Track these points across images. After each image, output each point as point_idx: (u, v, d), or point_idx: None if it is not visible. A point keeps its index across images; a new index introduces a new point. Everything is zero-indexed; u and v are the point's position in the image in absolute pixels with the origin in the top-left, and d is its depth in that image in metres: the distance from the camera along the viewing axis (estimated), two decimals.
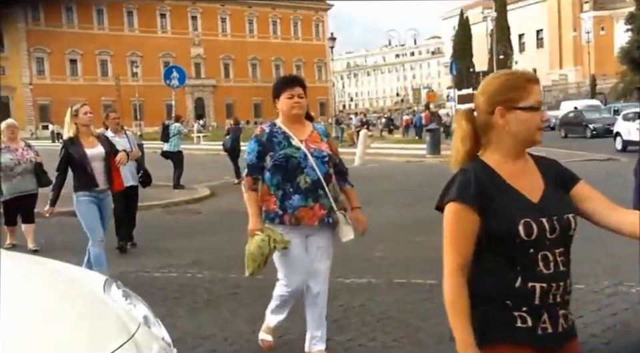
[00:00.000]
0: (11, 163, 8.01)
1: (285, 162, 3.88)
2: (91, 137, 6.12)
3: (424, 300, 5.49)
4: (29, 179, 8.17)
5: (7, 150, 8.06)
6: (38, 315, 2.44)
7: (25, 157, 8.18)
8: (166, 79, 17.74)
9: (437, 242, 3.81)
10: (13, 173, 8.04)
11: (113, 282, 2.99)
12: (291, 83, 4.07)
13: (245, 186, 4.03)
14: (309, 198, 3.90)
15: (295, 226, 3.94)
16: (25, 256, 3.29)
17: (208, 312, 5.42)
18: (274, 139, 3.95)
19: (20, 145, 8.33)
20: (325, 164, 4.00)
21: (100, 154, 6.06)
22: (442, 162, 21.38)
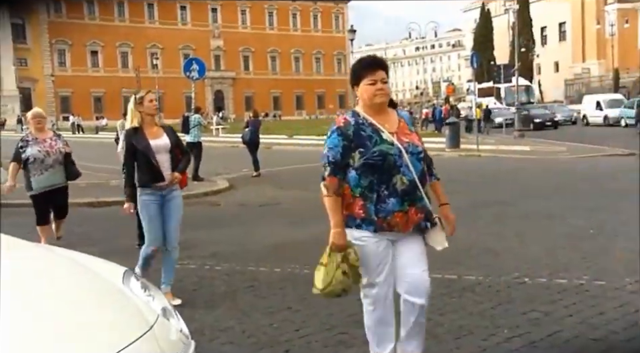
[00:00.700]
0: (39, 155, 7.23)
1: (382, 160, 3.33)
2: (155, 127, 5.57)
3: (442, 295, 5.44)
4: (59, 172, 7.42)
5: (34, 141, 7.30)
6: (57, 305, 2.45)
7: (54, 148, 7.38)
8: (186, 71, 17.78)
9: (455, 236, 3.81)
10: (44, 166, 7.26)
11: (132, 273, 3.00)
12: (373, 66, 3.50)
13: (327, 189, 3.42)
14: (405, 201, 3.37)
15: (387, 232, 3.42)
16: (45, 247, 3.32)
17: (226, 304, 5.43)
18: (362, 132, 3.38)
19: (48, 135, 7.55)
20: (421, 161, 3.48)
21: (165, 146, 5.51)
22: (461, 156, 21.27)
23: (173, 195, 5.55)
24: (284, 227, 9.23)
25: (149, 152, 5.39)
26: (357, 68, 3.55)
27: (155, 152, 5.40)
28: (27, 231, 8.70)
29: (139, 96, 5.55)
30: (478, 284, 5.75)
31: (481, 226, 8.59)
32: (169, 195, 5.50)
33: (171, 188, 5.51)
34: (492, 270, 6.22)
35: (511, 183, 13.65)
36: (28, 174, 7.23)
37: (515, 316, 4.82)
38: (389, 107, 3.56)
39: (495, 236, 7.93)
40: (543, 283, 5.71)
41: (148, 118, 5.52)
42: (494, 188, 12.94)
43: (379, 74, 3.45)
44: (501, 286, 5.62)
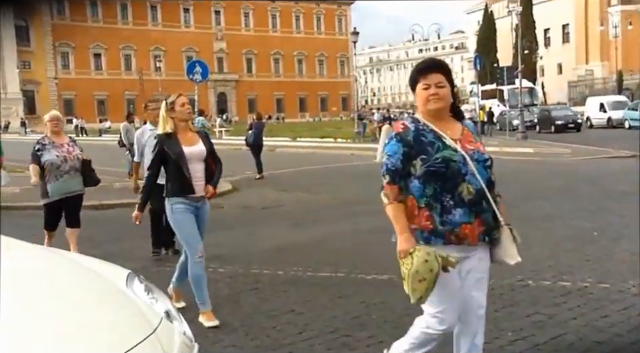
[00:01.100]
0: (57, 160, 6.91)
1: (445, 167, 3.11)
2: (190, 133, 5.11)
3: None
4: (75, 178, 7.10)
5: (51, 145, 6.97)
6: (59, 307, 2.45)
7: (71, 154, 7.06)
8: (189, 74, 17.79)
9: None
10: (60, 172, 6.93)
11: (135, 276, 3.00)
12: (426, 70, 3.25)
13: (387, 197, 3.17)
14: (472, 212, 3.14)
15: (455, 245, 3.16)
16: (48, 249, 3.32)
17: (229, 307, 5.43)
18: (422, 139, 3.17)
19: (65, 140, 7.21)
20: (488, 169, 3.26)
21: (200, 153, 5.05)
22: None
23: (206, 207, 5.22)
24: (287, 229, 9.24)
25: (181, 160, 4.96)
26: (413, 71, 3.34)
27: (188, 161, 4.97)
28: (30, 233, 8.72)
29: (169, 101, 5.12)
30: None
31: None
32: (202, 207, 5.16)
33: (204, 200, 5.16)
34: (495, 272, 6.11)
35: (514, 185, 13.59)
36: (44, 180, 6.95)
37: (518, 318, 4.81)
38: (452, 117, 3.33)
39: None
40: (546, 286, 5.70)
41: (182, 124, 5.08)
42: (497, 189, 12.91)
43: (433, 78, 3.20)
44: (504, 289, 5.60)
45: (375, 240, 8.12)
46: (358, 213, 10.28)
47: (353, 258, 7.08)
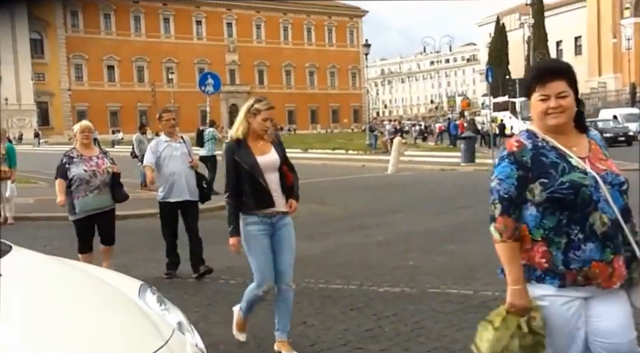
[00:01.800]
0: (85, 176, 6.38)
1: (574, 194, 2.51)
2: (261, 141, 4.53)
3: (458, 311, 5.41)
4: (105, 193, 6.55)
5: (79, 159, 6.46)
6: (72, 318, 2.45)
7: (101, 167, 6.51)
8: (201, 85, 17.86)
9: (471, 251, 3.76)
10: (89, 187, 6.39)
11: (147, 287, 3.00)
12: (545, 77, 2.63)
13: (500, 233, 2.61)
14: (607, 247, 2.53)
15: (579, 287, 2.56)
16: (61, 259, 3.32)
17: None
18: (543, 158, 2.57)
19: (94, 152, 6.68)
20: (623, 194, 2.61)
21: (274, 163, 4.49)
22: (476, 170, 21.19)
23: (284, 222, 4.56)
24: (299, 241, 9.11)
25: (256, 171, 4.38)
26: (529, 76, 2.78)
27: (263, 171, 4.40)
28: (43, 244, 8.79)
29: (256, 107, 4.49)
30: (494, 300, 5.67)
31: None
32: (279, 222, 4.53)
33: (281, 215, 4.54)
34: None
35: None
36: (71, 196, 6.43)
37: None
38: (575, 127, 2.73)
39: None
40: None
41: (255, 134, 4.51)
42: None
43: (553, 87, 2.60)
44: None
45: (387, 253, 8.12)
46: (369, 225, 10.26)
47: (365, 270, 7.06)
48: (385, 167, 22.04)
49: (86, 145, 6.67)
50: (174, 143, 6.98)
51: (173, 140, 7.01)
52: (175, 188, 6.86)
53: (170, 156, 6.88)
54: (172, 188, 6.87)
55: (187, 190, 6.92)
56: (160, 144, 7.03)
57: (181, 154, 6.94)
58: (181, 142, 7.05)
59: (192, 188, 6.98)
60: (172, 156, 6.88)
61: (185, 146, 7.06)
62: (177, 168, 6.87)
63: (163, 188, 6.93)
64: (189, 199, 6.96)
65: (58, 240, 9.45)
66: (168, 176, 6.85)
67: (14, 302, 2.44)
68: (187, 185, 6.92)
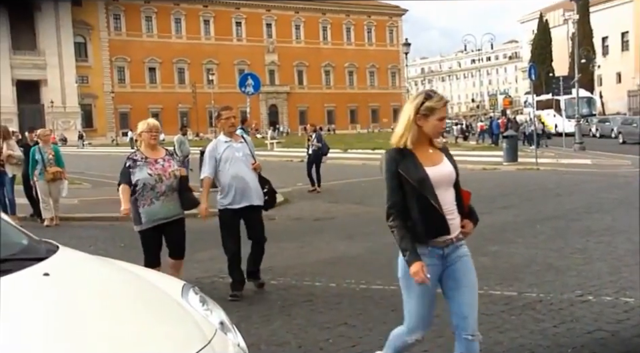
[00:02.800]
0: (150, 180, 5.71)
1: None
2: (430, 147, 3.51)
3: (501, 312, 5.32)
4: (173, 200, 5.86)
5: (144, 162, 5.76)
6: (116, 317, 2.48)
7: (167, 171, 5.80)
8: (241, 86, 17.99)
9: (514, 252, 3.68)
10: (154, 193, 5.72)
11: (190, 287, 3.02)
12: None
13: None
14: None
15: None
16: (105, 259, 3.36)
17: (281, 318, 5.42)
18: None
19: (160, 154, 5.94)
20: None
21: (449, 176, 3.45)
22: (519, 169, 20.87)
23: (459, 253, 3.56)
24: (339, 241, 9.20)
25: (425, 188, 3.34)
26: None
27: (435, 188, 3.36)
28: (88, 245, 8.95)
29: (427, 106, 3.39)
30: (539, 302, 5.58)
31: (541, 242, 8.38)
32: (454, 254, 3.52)
33: (456, 243, 3.53)
34: (553, 287, 6.04)
35: (572, 197, 13.28)
36: (135, 204, 5.76)
37: (579, 335, 4.66)
38: None
39: (556, 252, 7.71)
40: (608, 301, 5.50)
41: (423, 139, 3.45)
42: (554, 202, 12.62)
43: None
44: (564, 304, 5.44)
45: None
46: None
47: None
48: None
49: (152, 146, 5.91)
50: (235, 144, 6.27)
51: (233, 140, 6.30)
52: (240, 193, 6.15)
53: (232, 158, 6.17)
54: (236, 192, 6.15)
55: (252, 194, 6.23)
56: (219, 146, 6.26)
57: (243, 156, 6.25)
58: (242, 142, 6.36)
59: (258, 192, 6.30)
60: (234, 158, 6.18)
61: (246, 146, 6.38)
62: (241, 170, 6.17)
63: (224, 194, 6.20)
64: (254, 204, 6.26)
65: (102, 241, 9.63)
66: (230, 180, 6.13)
67: (60, 301, 2.48)
68: (252, 189, 6.24)
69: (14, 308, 2.32)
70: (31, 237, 3.17)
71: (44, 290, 2.54)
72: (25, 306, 2.36)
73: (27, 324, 2.25)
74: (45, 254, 2.89)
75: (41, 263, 2.75)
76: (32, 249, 2.98)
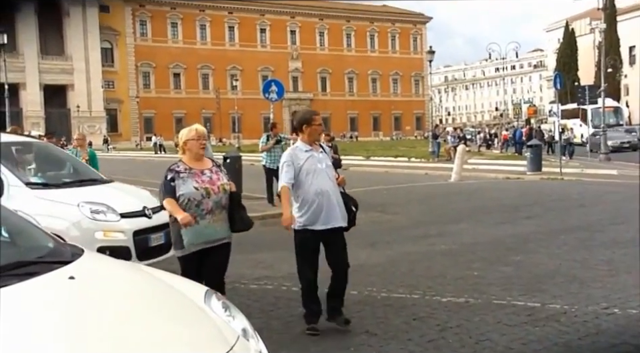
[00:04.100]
0: (196, 195, 4.83)
1: None
2: None
3: (525, 323, 5.27)
4: (221, 220, 4.95)
5: (189, 174, 4.90)
6: (139, 321, 2.50)
7: (216, 184, 4.93)
8: (265, 92, 18.04)
9: (538, 262, 3.63)
10: (199, 211, 4.83)
11: (213, 293, 3.03)
12: None
13: None
14: None
15: None
16: (130, 264, 3.39)
17: (303, 325, 5.41)
18: None
19: (207, 165, 5.07)
20: None
21: None
22: (543, 179, 20.68)
23: None
24: (361, 249, 9.14)
25: None
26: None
27: None
28: None
29: None
30: (563, 313, 5.52)
31: (565, 252, 8.29)
32: None
33: None
34: (578, 298, 5.96)
35: (597, 208, 13.12)
36: (177, 224, 4.83)
37: (603, 348, 4.60)
38: None
39: (581, 263, 7.62)
40: (634, 314, 5.42)
41: None
42: (578, 213, 12.48)
43: None
44: (588, 317, 5.37)
45: (451, 262, 7.99)
46: (432, 234, 10.13)
47: (428, 280, 6.96)
48: (448, 175, 21.75)
49: (199, 156, 5.03)
50: (316, 153, 5.32)
51: (313, 149, 5.35)
52: (324, 212, 5.23)
53: (315, 170, 5.24)
54: (319, 211, 5.22)
55: (338, 213, 5.32)
56: (299, 154, 5.32)
57: (326, 168, 5.33)
58: (322, 152, 5.41)
59: (343, 211, 5.38)
60: (317, 170, 5.25)
61: (328, 157, 5.46)
62: (325, 185, 5.26)
63: (304, 212, 5.25)
64: (338, 226, 5.35)
65: None
66: (313, 196, 5.21)
67: (84, 304, 2.51)
68: (338, 207, 5.33)
69: (40, 311, 2.35)
70: (57, 240, 3.21)
71: (69, 293, 2.57)
72: (51, 309, 2.39)
73: (52, 326, 2.27)
74: (71, 258, 2.92)
75: (67, 266, 2.78)
76: (58, 252, 3.01)
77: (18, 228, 3.22)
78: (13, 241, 3.15)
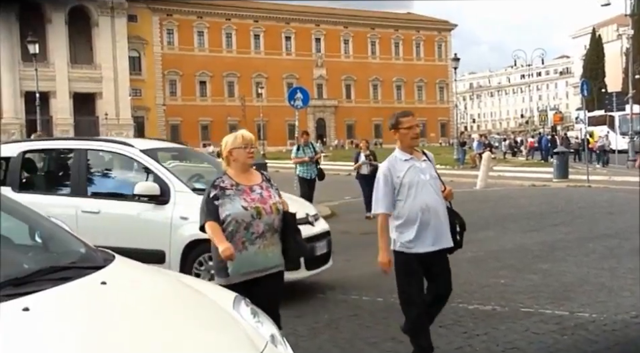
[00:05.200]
0: (245, 216, 4.06)
1: None
2: None
3: (553, 332, 5.22)
4: (273, 244, 4.18)
5: (235, 190, 4.13)
6: (168, 327, 2.53)
7: (267, 203, 4.16)
8: (290, 100, 18.11)
9: (566, 271, 3.58)
10: (248, 234, 4.07)
11: (241, 299, 3.06)
12: None
13: None
14: None
15: None
16: (158, 269, 3.43)
17: (329, 332, 5.43)
18: None
19: (256, 180, 4.27)
20: None
21: None
22: (570, 186, 20.46)
23: None
24: None
25: None
26: None
27: None
28: None
29: None
30: (592, 322, 5.46)
31: (592, 261, 8.20)
32: None
33: None
34: (607, 307, 5.90)
35: (625, 216, 12.94)
36: None
37: None
38: None
39: (609, 271, 7.53)
40: None
41: None
42: (606, 220, 12.32)
43: None
44: (618, 325, 5.32)
45: (477, 270, 7.95)
46: None
47: (454, 287, 6.87)
48: (473, 182, 21.63)
49: (246, 168, 4.26)
50: (417, 162, 4.57)
51: (415, 157, 4.61)
52: (429, 231, 4.48)
53: (417, 183, 4.48)
54: (423, 230, 4.47)
55: (446, 232, 4.59)
56: (398, 165, 4.56)
57: (431, 179, 4.54)
58: (425, 160, 4.65)
59: (449, 231, 4.66)
60: (420, 183, 4.48)
61: (432, 166, 4.68)
62: (431, 199, 4.49)
63: (405, 230, 4.52)
64: (446, 247, 4.62)
65: None
66: (417, 213, 4.45)
67: (116, 309, 2.55)
68: (446, 226, 4.60)
69: (74, 315, 2.39)
70: (89, 245, 3.26)
71: (101, 298, 2.61)
72: (84, 313, 2.43)
73: (85, 330, 2.31)
74: (103, 263, 2.97)
75: (99, 271, 2.82)
76: (90, 257, 3.05)
77: (50, 234, 3.27)
78: (45, 246, 3.21)
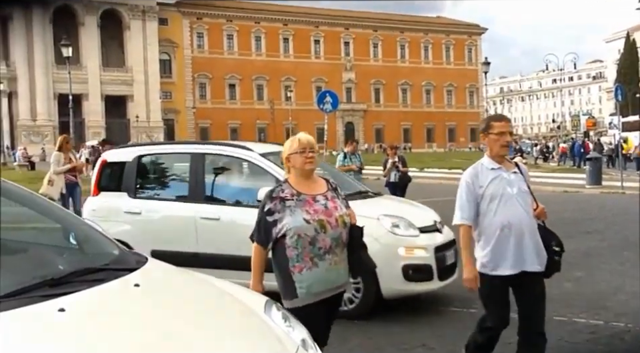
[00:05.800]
0: (308, 229, 3.55)
1: None
2: None
3: (587, 341, 5.13)
4: (342, 260, 3.67)
5: (296, 201, 3.61)
6: (200, 330, 2.52)
7: (333, 215, 3.63)
8: (319, 103, 18.12)
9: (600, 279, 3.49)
10: (315, 250, 3.57)
11: (273, 303, 3.04)
12: None
13: None
14: None
15: None
16: (190, 272, 3.43)
17: (359, 338, 5.40)
18: None
19: (321, 188, 3.74)
20: None
21: None
22: (603, 193, 20.14)
23: None
24: None
25: None
26: None
27: None
28: None
29: None
30: (627, 332, 5.35)
31: (627, 269, 8.04)
32: None
33: None
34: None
35: None
36: (286, 269, 3.61)
37: None
38: None
39: None
40: None
41: None
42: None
43: None
44: None
45: None
46: None
47: None
48: None
49: (307, 175, 3.72)
50: (505, 173, 4.01)
51: (503, 167, 4.04)
52: (510, 251, 3.95)
53: (502, 196, 3.96)
54: (502, 250, 3.96)
55: (529, 253, 3.99)
56: (482, 175, 4.05)
57: (519, 193, 3.98)
58: (516, 172, 4.07)
59: (538, 251, 4.03)
60: (505, 196, 3.96)
61: (523, 179, 4.07)
62: (515, 215, 3.95)
63: (486, 249, 4.03)
64: (529, 271, 4.00)
65: None
66: (495, 230, 3.97)
67: (149, 311, 2.55)
68: (531, 246, 3.99)
69: (108, 317, 2.40)
70: (122, 247, 3.27)
71: (135, 301, 2.61)
72: (118, 315, 2.44)
73: (119, 332, 2.32)
74: (136, 265, 2.98)
75: (132, 274, 2.83)
76: (123, 259, 3.07)
77: (85, 235, 3.29)
78: (80, 248, 3.23)
